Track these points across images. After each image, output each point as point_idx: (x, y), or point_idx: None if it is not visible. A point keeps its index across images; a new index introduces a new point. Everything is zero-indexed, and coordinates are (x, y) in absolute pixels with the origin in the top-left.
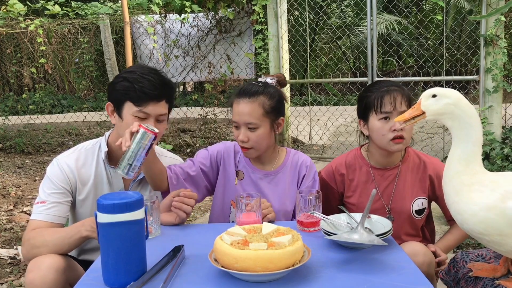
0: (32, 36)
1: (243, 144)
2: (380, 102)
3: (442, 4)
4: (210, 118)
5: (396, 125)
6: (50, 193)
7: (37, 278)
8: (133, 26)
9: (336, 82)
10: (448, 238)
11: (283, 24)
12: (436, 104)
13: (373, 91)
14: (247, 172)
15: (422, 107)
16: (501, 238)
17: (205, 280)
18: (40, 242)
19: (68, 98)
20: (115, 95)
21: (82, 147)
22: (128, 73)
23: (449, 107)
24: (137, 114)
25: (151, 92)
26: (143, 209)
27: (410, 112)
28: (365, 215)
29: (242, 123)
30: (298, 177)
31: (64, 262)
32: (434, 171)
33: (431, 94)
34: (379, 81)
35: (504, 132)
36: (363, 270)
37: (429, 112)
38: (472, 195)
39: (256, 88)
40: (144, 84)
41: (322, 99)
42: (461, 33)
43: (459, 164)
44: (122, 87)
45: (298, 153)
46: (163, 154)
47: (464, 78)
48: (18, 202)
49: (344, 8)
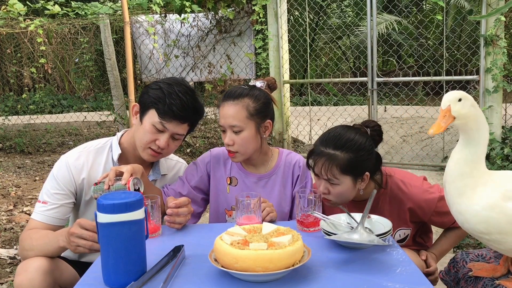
0: (32, 36)
1: (228, 147)
2: (313, 162)
3: (442, 4)
4: (210, 118)
5: (430, 133)
6: (53, 193)
7: (25, 281)
8: (133, 26)
9: (336, 82)
10: (443, 243)
11: (283, 24)
12: (464, 108)
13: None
14: (240, 177)
15: (453, 112)
16: (501, 237)
17: (205, 280)
18: (29, 245)
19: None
20: (145, 99)
21: (92, 146)
22: (165, 84)
23: (472, 109)
24: (157, 125)
25: (178, 113)
26: (143, 209)
27: (444, 121)
28: (365, 215)
29: (227, 126)
30: (293, 178)
31: (52, 264)
32: (414, 203)
33: (458, 97)
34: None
35: (504, 132)
36: (363, 270)
37: (460, 116)
38: (474, 196)
39: (240, 90)
40: (175, 102)
41: (322, 99)
42: (461, 33)
43: (466, 165)
44: (155, 95)
45: (291, 153)
46: (168, 157)
47: (464, 78)
48: (18, 202)
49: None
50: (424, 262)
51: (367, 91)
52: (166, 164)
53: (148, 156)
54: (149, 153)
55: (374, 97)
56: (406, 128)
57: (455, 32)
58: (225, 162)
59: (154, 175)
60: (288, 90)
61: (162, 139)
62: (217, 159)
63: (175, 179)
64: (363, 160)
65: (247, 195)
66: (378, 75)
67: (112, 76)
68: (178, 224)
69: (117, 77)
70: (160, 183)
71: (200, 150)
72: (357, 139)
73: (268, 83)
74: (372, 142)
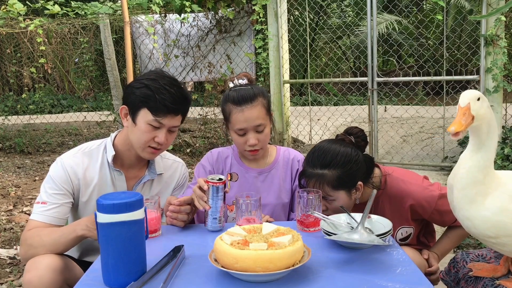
0: (31, 36)
1: (254, 147)
2: (306, 183)
3: (442, 4)
4: (210, 118)
5: (451, 130)
6: (51, 193)
7: (35, 278)
8: (133, 26)
9: (336, 82)
10: (445, 242)
11: (283, 24)
12: (482, 108)
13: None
14: (241, 172)
15: (473, 111)
16: (508, 240)
17: (205, 280)
18: (37, 242)
19: (68, 98)
20: (133, 100)
21: (86, 147)
22: (150, 80)
23: (488, 110)
24: (152, 123)
25: (172, 106)
26: (143, 209)
27: (464, 119)
28: (365, 215)
29: (251, 128)
30: (292, 172)
31: (62, 262)
32: (414, 200)
33: (477, 96)
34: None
35: (505, 132)
36: (363, 270)
37: (479, 116)
38: (484, 202)
39: (251, 91)
40: (166, 96)
41: (322, 99)
42: (461, 33)
43: (480, 172)
44: (142, 94)
45: (288, 149)
46: (165, 157)
47: (465, 78)
48: (18, 202)
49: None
50: (426, 261)
51: (367, 91)
52: (163, 163)
53: (149, 154)
54: (149, 151)
55: (374, 97)
56: (406, 128)
57: (456, 32)
58: (225, 160)
59: (150, 175)
60: (288, 90)
61: (160, 136)
62: (218, 158)
63: (172, 179)
64: (352, 172)
65: (247, 195)
66: (378, 75)
67: (112, 76)
68: (181, 221)
69: (117, 77)
70: (157, 182)
71: (200, 150)
72: (341, 153)
73: (249, 79)
74: (358, 151)
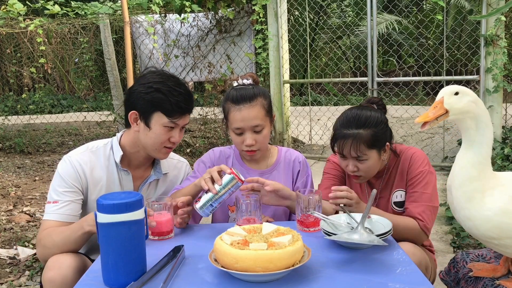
0: (31, 36)
1: (250, 148)
2: (339, 146)
3: (442, 4)
4: (210, 118)
5: (416, 121)
6: (62, 191)
7: (58, 277)
8: (133, 26)
9: (336, 82)
10: (391, 216)
11: (283, 24)
12: (460, 102)
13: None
14: (242, 173)
15: (446, 105)
16: (510, 242)
17: (205, 280)
18: (50, 243)
19: (68, 98)
20: (143, 105)
21: (93, 146)
22: (158, 83)
23: (471, 105)
24: (168, 124)
25: (185, 107)
26: (143, 209)
27: (433, 111)
28: (365, 215)
29: (248, 128)
30: (293, 173)
31: (83, 262)
32: (413, 157)
33: (454, 91)
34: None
35: (504, 132)
36: (363, 270)
37: (454, 110)
38: (483, 200)
39: (251, 91)
40: (179, 98)
41: (322, 99)
42: (461, 33)
43: (474, 168)
44: (154, 97)
45: (290, 150)
46: (169, 156)
47: (465, 78)
48: (17, 202)
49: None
50: (426, 255)
51: (367, 91)
52: (168, 163)
53: (164, 154)
54: (164, 151)
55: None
56: (406, 128)
57: (456, 32)
58: (226, 160)
59: (156, 174)
60: (288, 90)
61: (176, 135)
62: (220, 157)
63: (177, 178)
64: (383, 132)
65: (247, 195)
66: (378, 75)
67: (112, 76)
68: (184, 223)
69: (117, 77)
70: (162, 182)
71: (200, 150)
72: (373, 115)
73: (254, 79)
74: (384, 115)
